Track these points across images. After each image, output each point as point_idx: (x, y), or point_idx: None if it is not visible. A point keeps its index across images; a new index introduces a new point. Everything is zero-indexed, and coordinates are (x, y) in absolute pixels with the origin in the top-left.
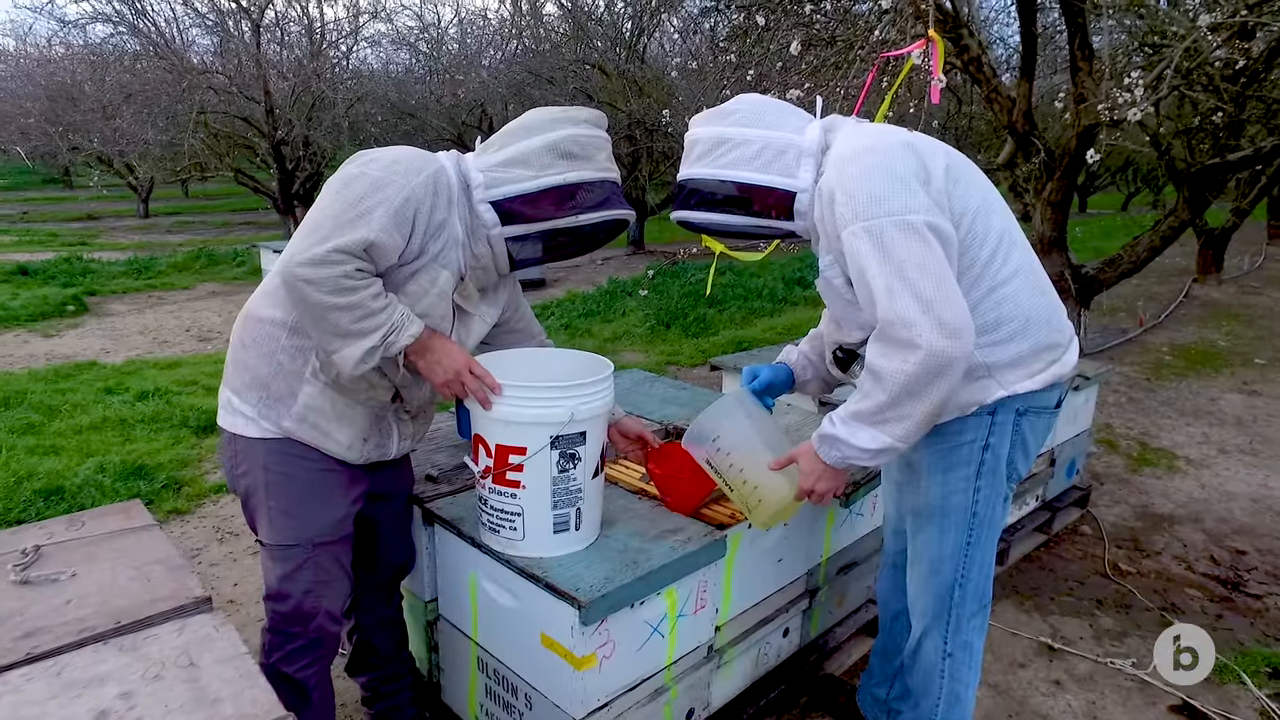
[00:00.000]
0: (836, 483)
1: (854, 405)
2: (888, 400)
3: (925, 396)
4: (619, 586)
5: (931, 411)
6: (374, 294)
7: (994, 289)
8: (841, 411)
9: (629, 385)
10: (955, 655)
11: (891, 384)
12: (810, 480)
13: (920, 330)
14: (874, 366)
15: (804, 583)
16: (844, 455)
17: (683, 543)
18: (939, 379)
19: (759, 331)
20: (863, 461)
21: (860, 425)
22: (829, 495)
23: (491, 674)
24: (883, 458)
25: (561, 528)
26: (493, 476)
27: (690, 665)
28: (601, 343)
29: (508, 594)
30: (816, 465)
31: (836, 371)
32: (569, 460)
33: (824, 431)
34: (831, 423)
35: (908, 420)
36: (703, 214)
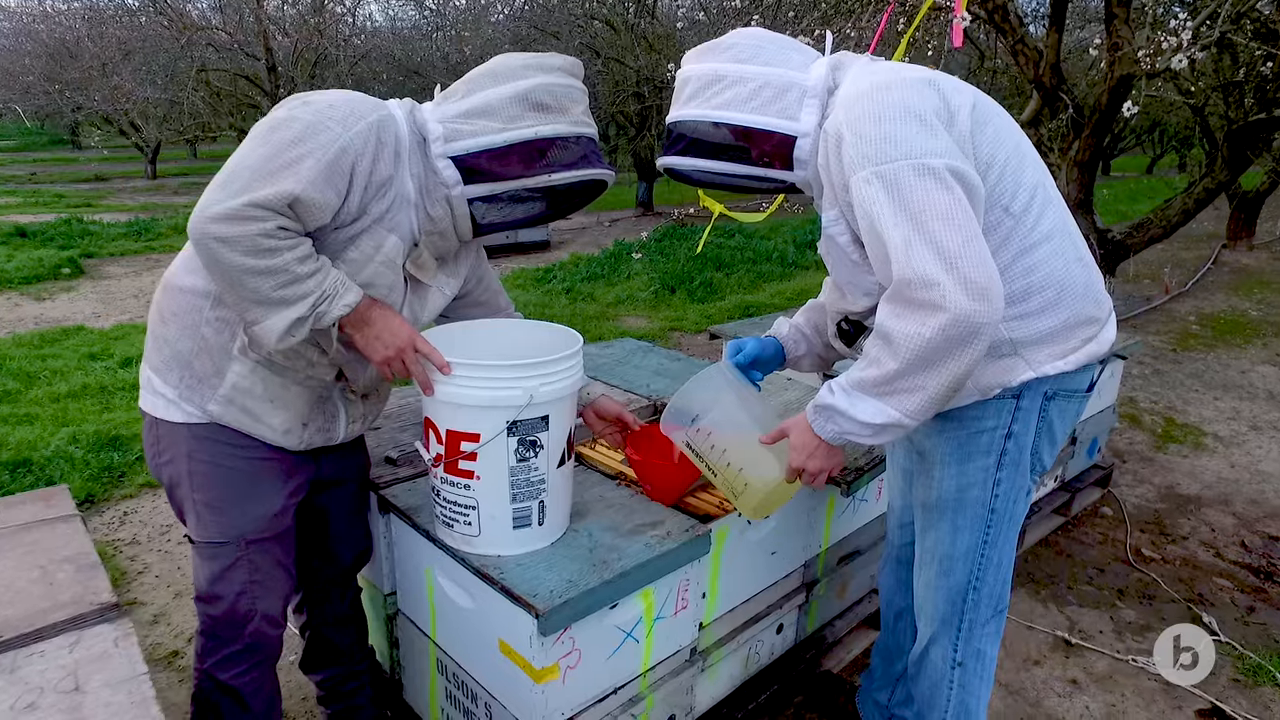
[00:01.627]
0: (831, 461)
1: (858, 373)
2: (899, 369)
3: (943, 368)
4: (584, 591)
5: (949, 386)
6: (300, 257)
7: (1024, 253)
8: (843, 380)
9: (620, 356)
10: (966, 664)
11: (905, 350)
12: (801, 456)
13: (944, 290)
14: (885, 329)
15: (800, 576)
16: (841, 430)
17: (661, 538)
18: (962, 348)
19: (767, 296)
20: (863, 439)
21: (864, 396)
22: (823, 476)
23: (451, 677)
24: (885, 435)
25: (522, 523)
26: (444, 465)
27: (670, 671)
28: (604, 307)
29: (465, 594)
30: (809, 440)
31: (840, 345)
32: (529, 448)
33: (821, 402)
34: (830, 392)
35: (920, 394)
36: (691, 160)
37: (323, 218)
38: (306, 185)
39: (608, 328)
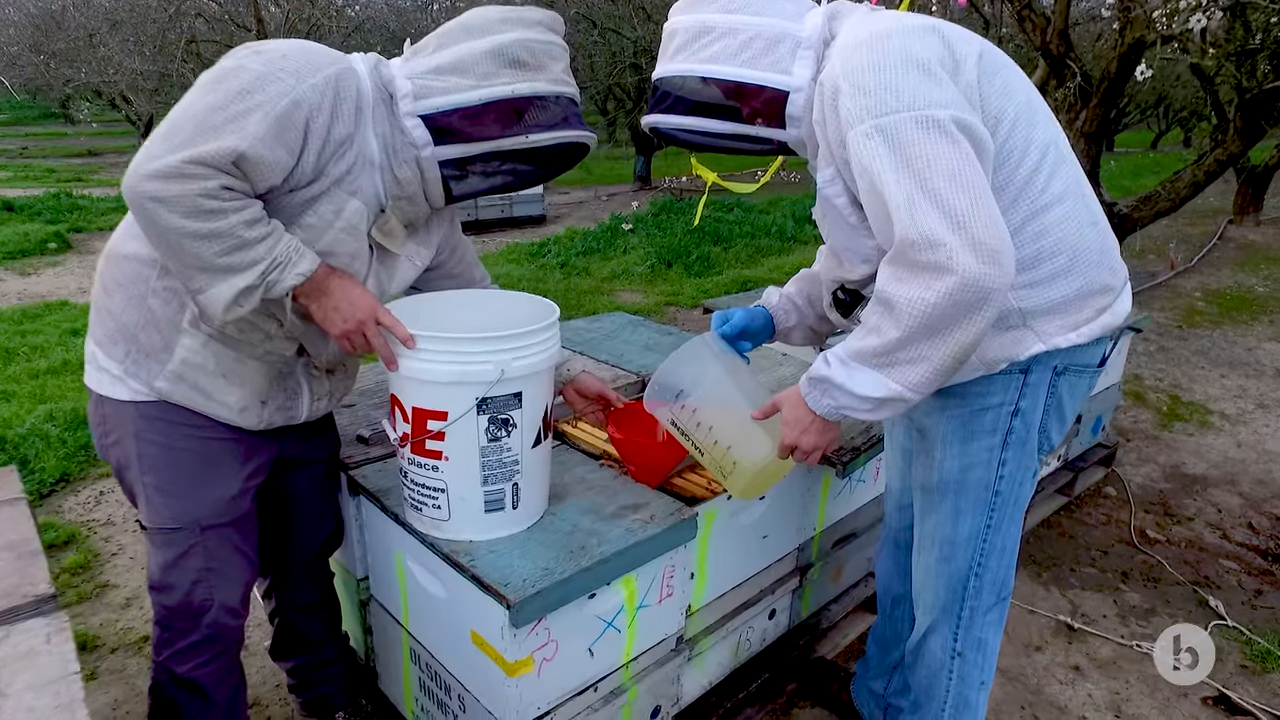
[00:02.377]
0: (825, 438)
1: (857, 342)
2: (901, 337)
3: (950, 336)
4: (560, 580)
5: (955, 357)
6: (247, 220)
7: (1034, 215)
8: (840, 350)
9: (609, 330)
10: (965, 655)
11: (908, 317)
12: (794, 433)
13: (950, 252)
14: (886, 294)
15: (794, 559)
16: (838, 404)
17: (644, 522)
18: (970, 315)
19: (766, 271)
20: (861, 414)
21: (862, 367)
22: (817, 454)
23: (424, 667)
24: (885, 411)
25: (495, 506)
26: (411, 445)
27: (654, 661)
28: (598, 282)
29: (436, 581)
30: (803, 415)
31: (836, 316)
32: (501, 427)
33: (816, 374)
34: (826, 363)
35: (923, 365)
36: (678, 119)
37: (273, 178)
38: (254, 141)
39: (602, 302)
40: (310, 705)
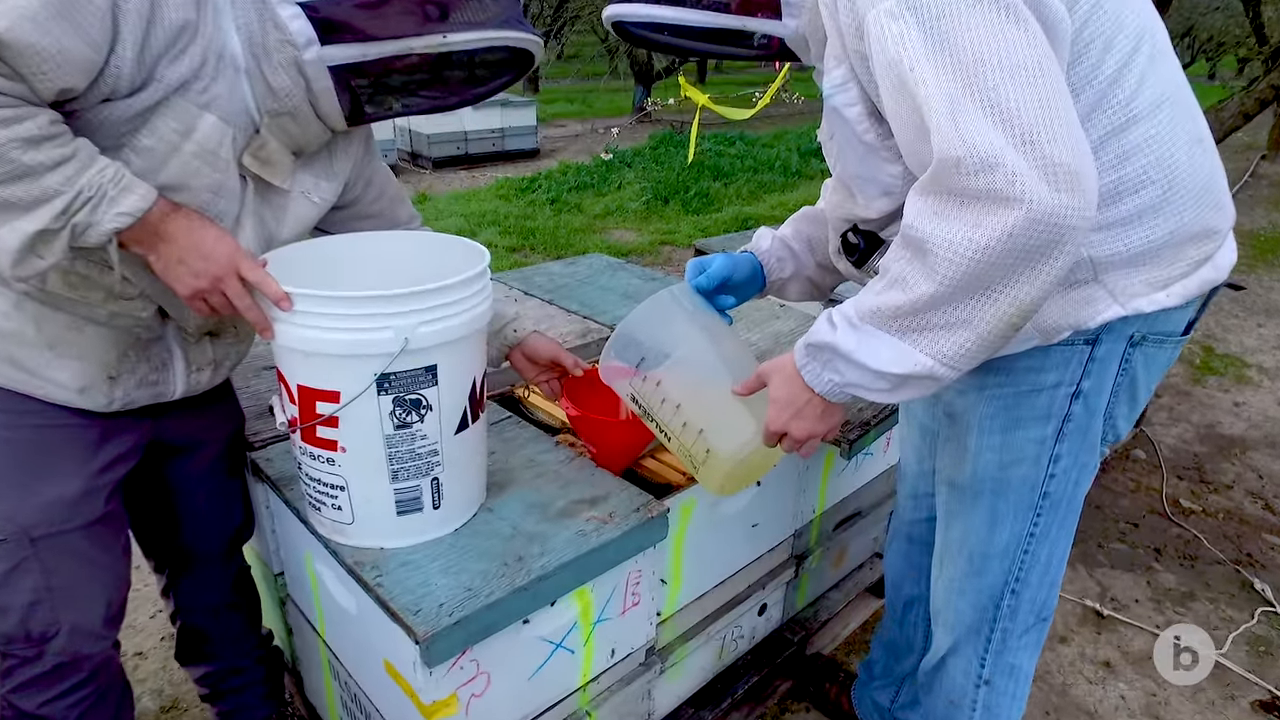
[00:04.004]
0: (824, 424)
1: (873, 298)
2: (935, 292)
3: (1004, 292)
4: (487, 604)
5: (1009, 322)
6: (26, 137)
7: (1118, 131)
8: (850, 308)
9: (585, 274)
10: (994, 683)
11: (947, 265)
12: (785, 415)
13: (1012, 174)
14: (917, 234)
15: (789, 548)
16: (843, 380)
17: (601, 523)
18: (1036, 263)
19: (767, 208)
20: (873, 394)
21: (879, 331)
22: (813, 443)
23: (344, 686)
24: (907, 391)
25: (409, 507)
26: (300, 432)
27: (618, 679)
28: (590, 219)
29: (346, 593)
30: (796, 392)
31: (845, 265)
32: (410, 410)
33: (816, 338)
34: (830, 324)
35: (963, 332)
36: (644, 7)
37: (63, 76)
38: (17, 19)
39: (593, 241)
40: (227, 717)
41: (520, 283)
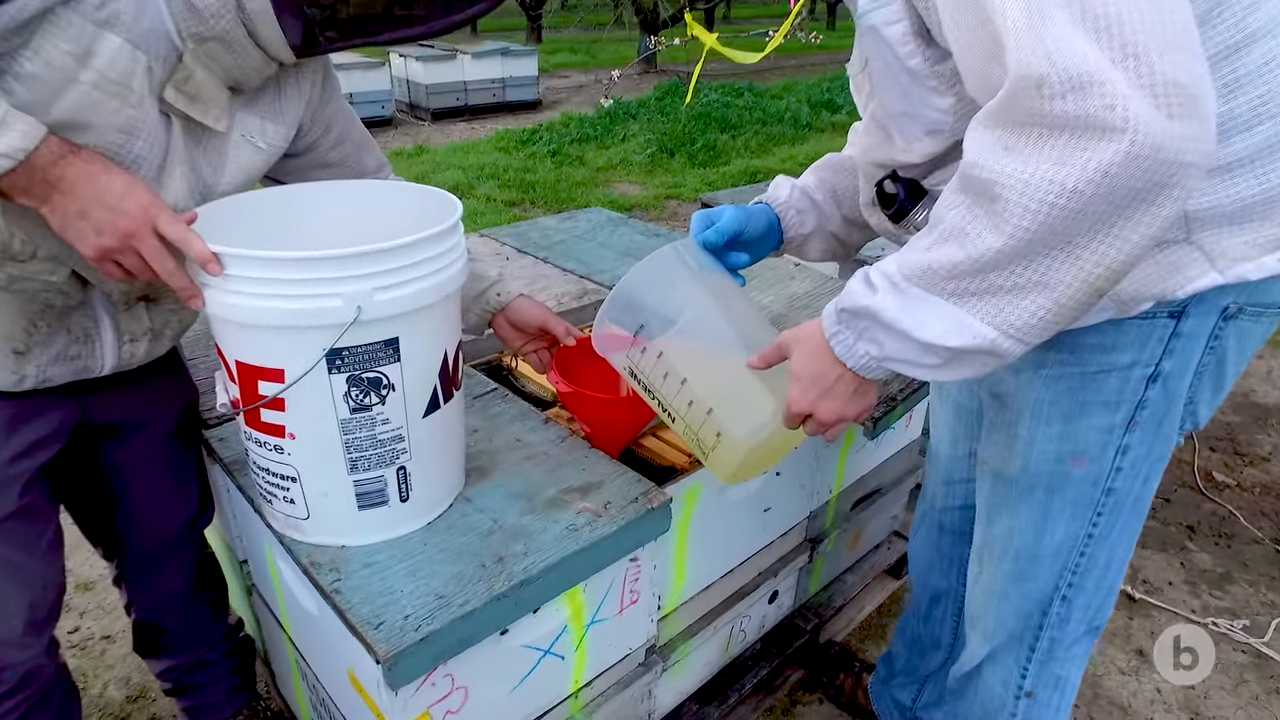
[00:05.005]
0: (856, 406)
1: (922, 254)
2: (1004, 247)
3: (1095, 247)
4: (461, 615)
5: (1096, 285)
6: None
7: (1232, 52)
8: (892, 267)
9: (583, 230)
10: (1038, 695)
11: (1022, 212)
12: (809, 394)
13: (1114, 95)
14: (984, 174)
15: (803, 531)
16: (883, 354)
17: (594, 516)
18: (1140, 210)
19: (777, 162)
20: (919, 370)
21: (929, 295)
22: (841, 426)
23: (313, 689)
24: (960, 368)
25: (372, 500)
26: (243, 416)
27: (615, 682)
28: (593, 172)
29: (307, 594)
30: (824, 367)
31: (879, 219)
32: (368, 390)
33: (850, 302)
34: (867, 285)
35: (1037, 296)
36: None
37: None
38: None
39: (596, 195)
40: (194, 713)
41: (513, 239)
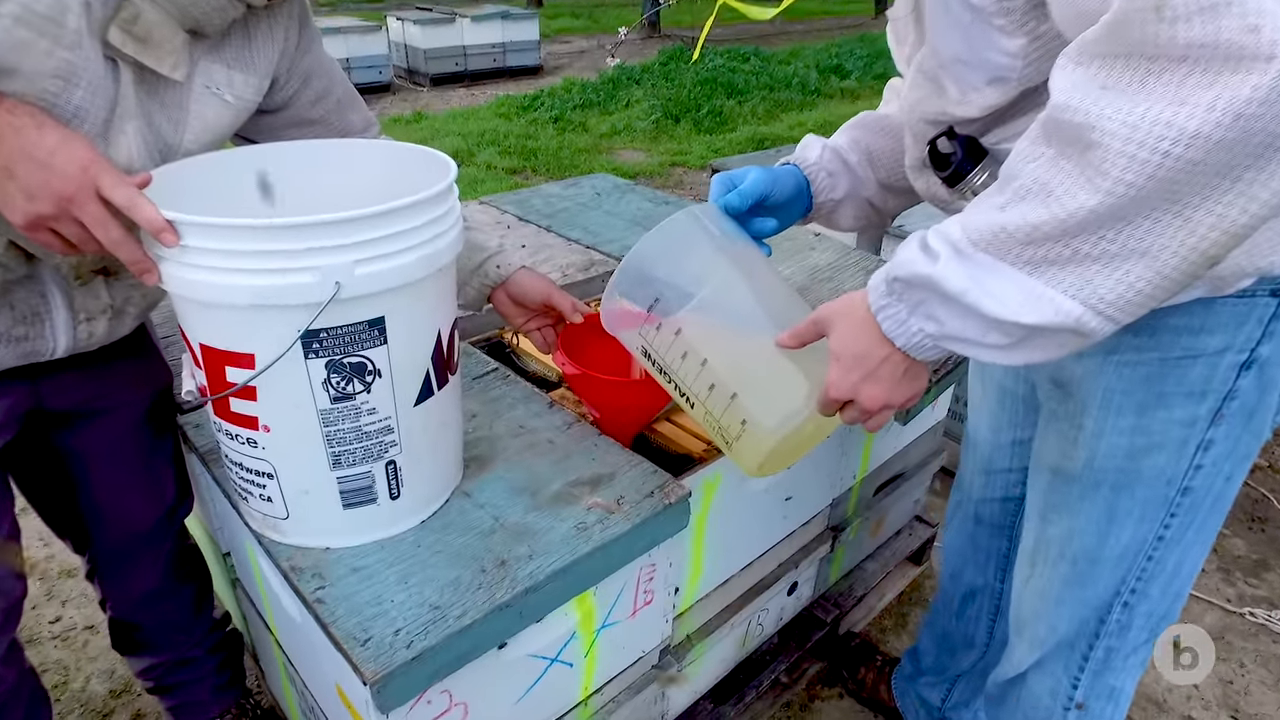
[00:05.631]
0: (904, 390)
1: (996, 216)
2: (1101, 205)
3: (1213, 206)
4: (459, 629)
5: (1208, 252)
6: None
7: None
8: (955, 230)
9: (588, 197)
10: (1089, 707)
11: (1126, 162)
12: (850, 376)
13: (1258, 11)
14: (1078, 117)
15: (825, 519)
16: (942, 331)
17: (605, 511)
18: (1276, 160)
19: (784, 128)
20: (984, 350)
21: (1002, 264)
22: (885, 414)
23: (301, 694)
24: (1034, 349)
25: (359, 498)
26: (212, 405)
27: (626, 686)
28: (596, 139)
29: (291, 599)
30: (870, 346)
31: (927, 183)
32: (351, 377)
33: (905, 271)
34: (926, 252)
35: (1140, 264)
36: None
37: None
38: None
39: (599, 162)
40: (179, 712)
41: (514, 206)
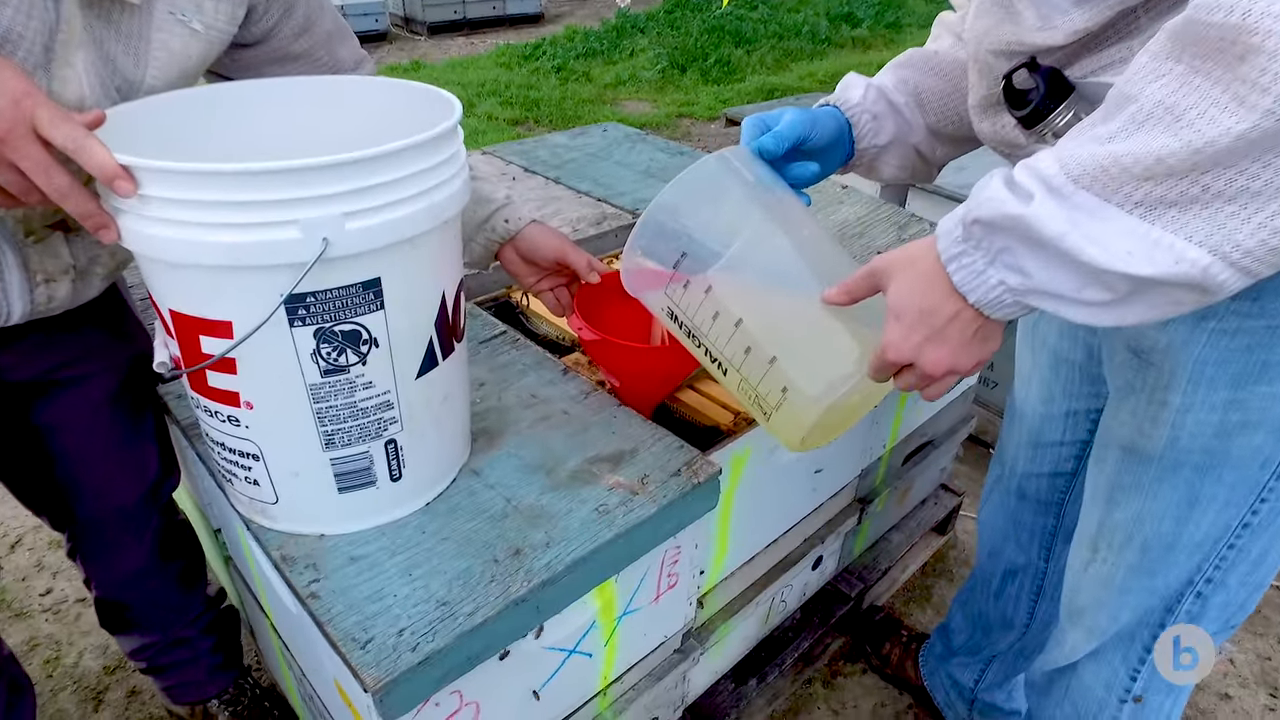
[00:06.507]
0: (973, 354)
1: (1104, 146)
2: (1255, 131)
3: None
4: (470, 629)
5: None
6: None
7: None
8: (1050, 164)
9: (598, 147)
10: (1148, 701)
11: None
12: (913, 337)
13: None
14: (1231, 15)
15: (853, 490)
16: (1031, 284)
17: (628, 493)
18: None
19: (794, 79)
20: (1077, 309)
21: (1109, 205)
22: (945, 381)
23: (299, 681)
24: (1140, 307)
25: (355, 481)
26: (187, 379)
27: (647, 673)
28: (600, 89)
29: (286, 589)
30: (936, 301)
31: (997, 126)
32: (344, 347)
33: (989, 212)
34: (1012, 191)
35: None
36: None
37: None
38: None
39: (604, 113)
40: (175, 693)
41: (520, 157)
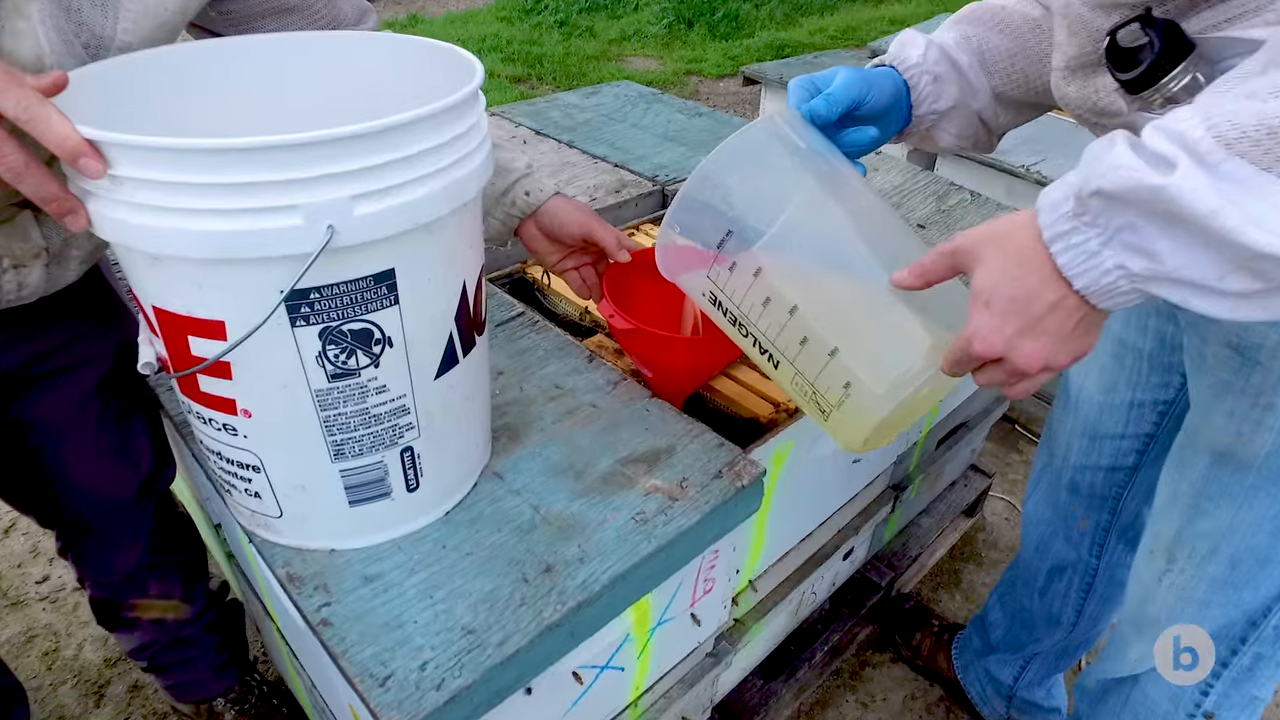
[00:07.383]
0: (1073, 348)
1: (1265, 104)
2: None
3: None
4: (501, 660)
5: None
6: None
7: None
8: (1194, 125)
9: (611, 109)
10: (1221, 718)
11: None
12: (1005, 327)
13: None
14: None
15: (888, 477)
16: (1155, 269)
17: (667, 498)
18: None
19: (804, 34)
20: (1207, 299)
21: (1265, 172)
22: (1037, 379)
23: (310, 690)
24: None
25: (369, 493)
26: (177, 383)
27: (679, 680)
28: (604, 45)
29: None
30: (1035, 286)
31: (1090, 90)
32: (353, 348)
33: (1115, 182)
34: (1142, 157)
35: None
36: None
37: None
38: None
39: (609, 70)
40: (177, 691)
41: (529, 119)
